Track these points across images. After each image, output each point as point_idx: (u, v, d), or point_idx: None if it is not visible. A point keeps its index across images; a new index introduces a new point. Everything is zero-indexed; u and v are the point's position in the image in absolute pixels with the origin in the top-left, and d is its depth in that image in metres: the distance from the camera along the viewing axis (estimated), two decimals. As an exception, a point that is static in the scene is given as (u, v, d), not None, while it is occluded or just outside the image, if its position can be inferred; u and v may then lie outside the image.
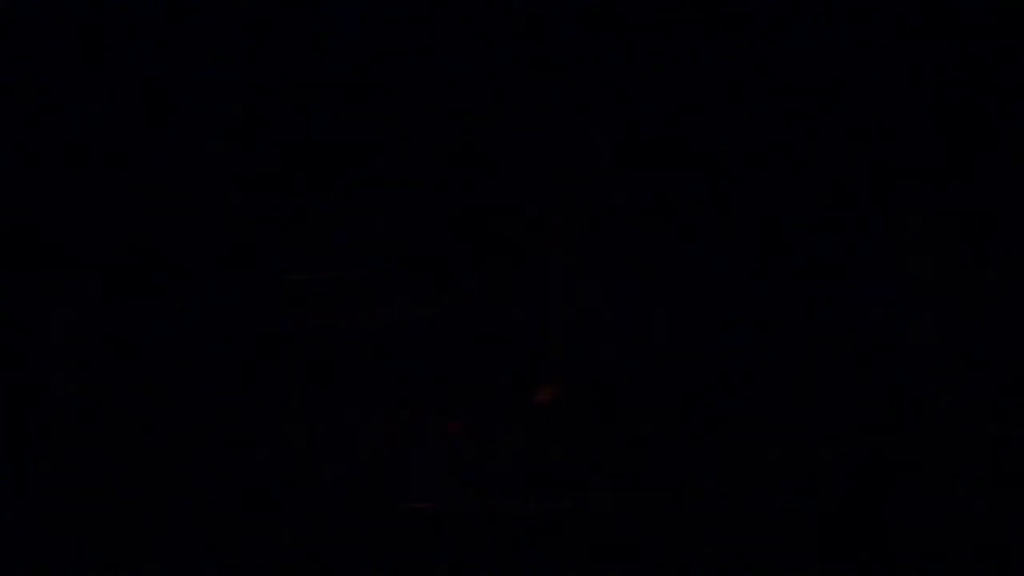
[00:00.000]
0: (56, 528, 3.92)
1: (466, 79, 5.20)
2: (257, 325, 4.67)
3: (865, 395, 4.44)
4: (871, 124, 6.31)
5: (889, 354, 4.63)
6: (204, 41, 4.57)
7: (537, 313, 5.49)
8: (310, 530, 3.97)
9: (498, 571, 3.55)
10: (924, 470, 4.23)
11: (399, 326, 4.47)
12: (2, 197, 4.26)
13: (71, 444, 4.30)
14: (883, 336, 4.71)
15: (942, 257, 6.54)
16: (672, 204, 4.46)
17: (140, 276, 4.45)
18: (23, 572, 3.49)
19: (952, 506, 4.08)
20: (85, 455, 4.30)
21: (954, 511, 4.07)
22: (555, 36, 5.45)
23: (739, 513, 4.06)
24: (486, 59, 5.28)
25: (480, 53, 5.24)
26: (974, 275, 6.47)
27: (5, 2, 4.24)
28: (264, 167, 4.72)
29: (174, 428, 4.43)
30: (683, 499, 4.09)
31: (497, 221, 5.37)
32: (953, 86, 6.45)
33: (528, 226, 5.49)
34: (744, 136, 4.45)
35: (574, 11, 5.48)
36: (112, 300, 4.40)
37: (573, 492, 4.76)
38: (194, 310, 4.55)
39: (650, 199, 3.62)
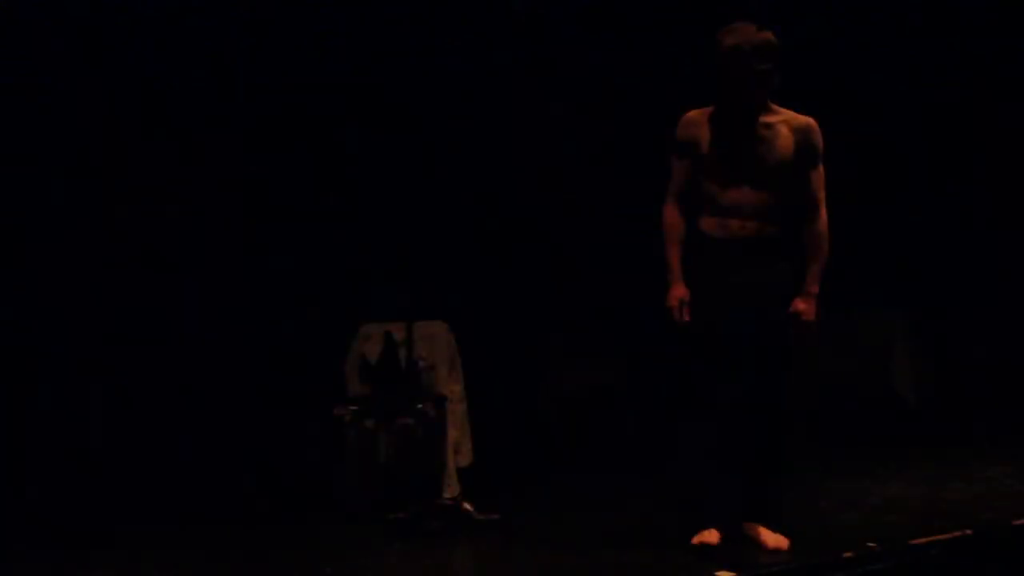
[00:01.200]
0: (55, 527, 3.93)
1: (466, 79, 5.20)
2: (257, 325, 4.68)
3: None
4: (871, 123, 6.32)
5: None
6: (204, 41, 4.57)
7: (536, 312, 5.50)
8: (309, 530, 3.98)
9: (498, 568, 3.57)
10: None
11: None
12: (2, 197, 4.26)
13: (71, 444, 4.31)
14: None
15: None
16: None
17: (140, 276, 4.46)
18: (23, 572, 3.51)
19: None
20: (85, 455, 4.31)
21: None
22: (555, 36, 5.46)
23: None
24: (486, 59, 5.28)
25: (480, 53, 5.24)
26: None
27: (5, 2, 4.24)
28: (264, 167, 4.72)
29: (174, 427, 4.44)
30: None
31: (497, 221, 5.38)
32: (953, 86, 6.45)
33: (528, 226, 5.50)
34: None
35: (574, 11, 5.49)
36: (112, 300, 4.41)
37: (573, 491, 4.76)
38: (194, 310, 4.56)
39: (650, 199, 3.62)
